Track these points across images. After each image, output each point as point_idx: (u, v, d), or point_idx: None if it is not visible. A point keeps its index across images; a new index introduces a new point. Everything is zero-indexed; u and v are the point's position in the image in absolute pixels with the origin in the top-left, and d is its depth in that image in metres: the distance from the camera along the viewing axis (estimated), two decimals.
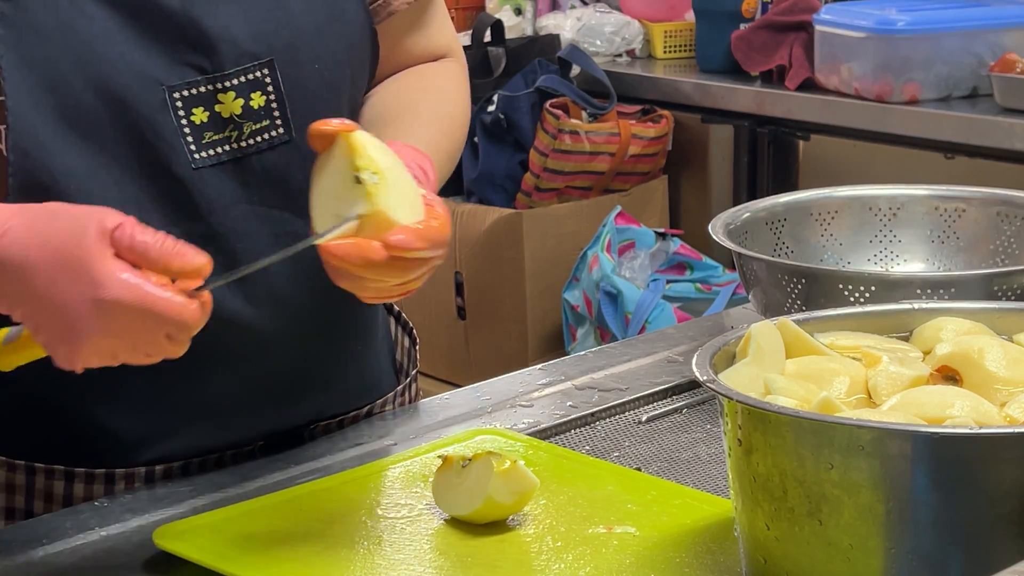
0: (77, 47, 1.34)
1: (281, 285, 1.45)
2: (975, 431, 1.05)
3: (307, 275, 1.44)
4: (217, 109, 1.39)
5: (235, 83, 1.40)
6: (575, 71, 4.12)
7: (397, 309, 1.70)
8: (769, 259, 1.62)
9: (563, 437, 1.56)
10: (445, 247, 1.27)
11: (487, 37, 4.19)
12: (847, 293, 1.51)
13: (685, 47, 4.28)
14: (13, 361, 1.26)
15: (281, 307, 1.45)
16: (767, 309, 1.60)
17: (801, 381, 1.18)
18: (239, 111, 1.40)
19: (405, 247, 1.22)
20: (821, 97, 3.68)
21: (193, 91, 1.38)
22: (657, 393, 1.65)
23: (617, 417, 1.61)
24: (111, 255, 1.18)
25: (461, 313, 4.03)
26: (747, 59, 3.92)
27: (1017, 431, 1.05)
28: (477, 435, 1.50)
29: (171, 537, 1.30)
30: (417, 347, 1.70)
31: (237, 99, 1.40)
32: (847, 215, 1.77)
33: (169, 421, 1.46)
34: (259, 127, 1.42)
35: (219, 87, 1.39)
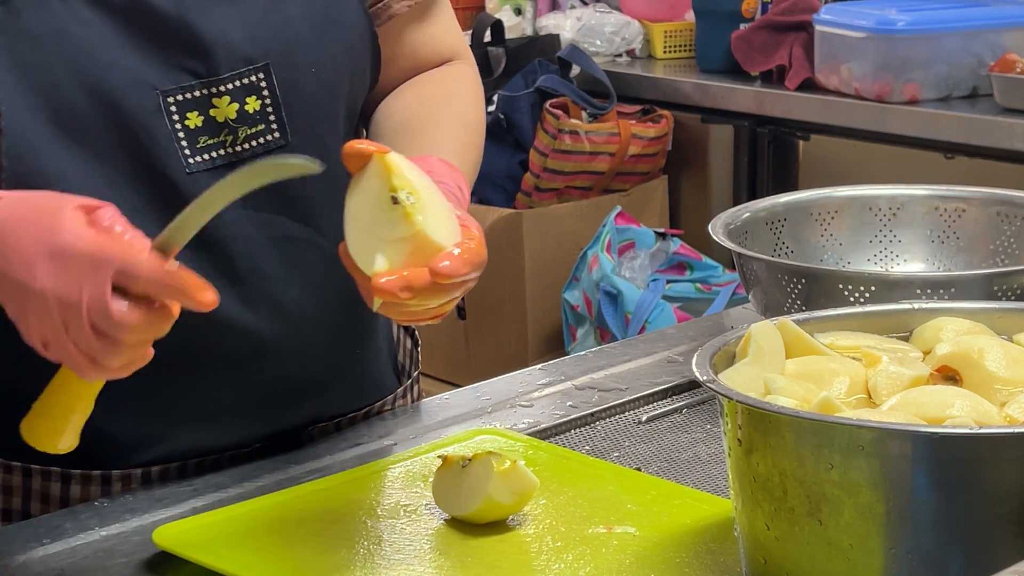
0: (71, 51, 1.33)
1: (280, 290, 1.44)
2: (975, 431, 1.05)
3: (306, 280, 1.44)
4: (212, 113, 1.39)
5: (230, 87, 1.39)
6: (575, 71, 4.11)
7: None
8: (769, 259, 1.62)
9: (563, 437, 1.56)
10: (483, 268, 1.25)
11: (487, 37, 4.19)
12: (847, 293, 1.51)
13: (685, 47, 4.28)
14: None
15: (279, 312, 1.45)
16: (767, 309, 1.60)
17: (801, 381, 1.18)
18: (234, 115, 1.40)
19: (451, 274, 1.20)
20: (821, 97, 3.68)
21: (187, 95, 1.38)
22: (657, 393, 1.65)
23: (617, 417, 1.61)
24: (82, 218, 1.17)
25: (461, 313, 4.03)
26: (747, 59, 3.92)
27: (1017, 431, 1.05)
28: (477, 435, 1.50)
29: (171, 537, 1.30)
30: (419, 348, 1.70)
31: (232, 103, 1.39)
32: (847, 215, 1.77)
33: (166, 424, 1.46)
34: (254, 131, 1.41)
35: (214, 91, 1.38)
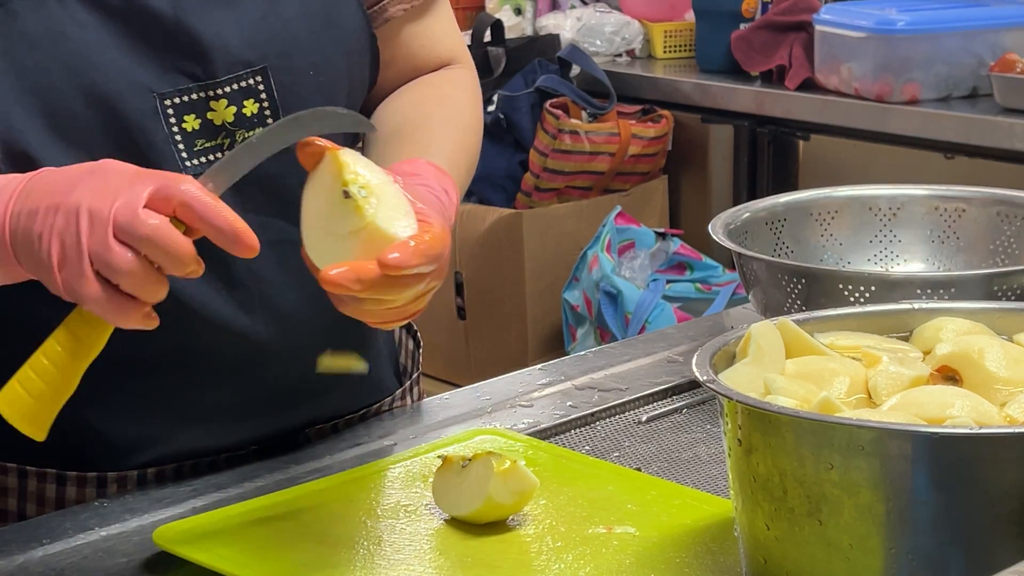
0: (67, 54, 1.33)
1: (276, 294, 1.44)
2: (975, 431, 1.05)
3: (303, 283, 1.44)
4: (209, 116, 1.38)
5: (228, 90, 1.38)
6: (575, 71, 4.12)
7: None
8: (769, 259, 1.62)
9: (563, 437, 1.56)
10: (440, 261, 1.22)
11: (487, 37, 4.19)
12: (847, 293, 1.51)
13: (685, 47, 4.28)
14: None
15: (276, 315, 1.44)
16: (767, 309, 1.60)
17: (801, 381, 1.18)
18: (231, 119, 1.39)
19: (400, 264, 1.18)
20: (821, 97, 3.68)
21: (185, 98, 1.37)
22: (657, 393, 1.65)
23: (617, 417, 1.61)
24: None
25: (461, 313, 4.03)
26: (747, 59, 3.92)
27: (1017, 431, 1.05)
28: (477, 435, 1.50)
29: (171, 537, 1.30)
30: (421, 349, 1.70)
31: (229, 107, 1.39)
32: (847, 215, 1.77)
33: (161, 426, 1.46)
34: (252, 135, 1.40)
35: (211, 94, 1.38)
